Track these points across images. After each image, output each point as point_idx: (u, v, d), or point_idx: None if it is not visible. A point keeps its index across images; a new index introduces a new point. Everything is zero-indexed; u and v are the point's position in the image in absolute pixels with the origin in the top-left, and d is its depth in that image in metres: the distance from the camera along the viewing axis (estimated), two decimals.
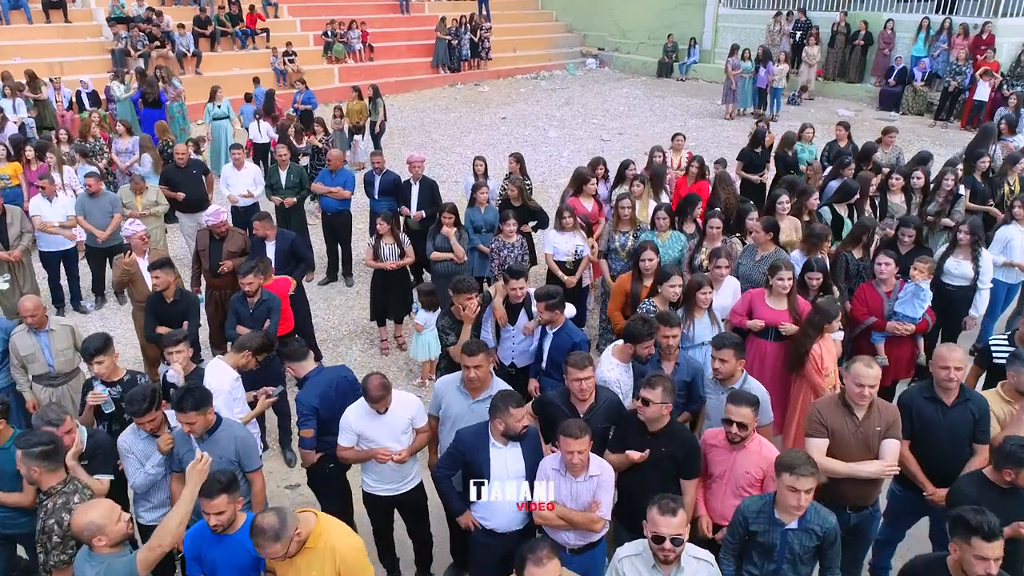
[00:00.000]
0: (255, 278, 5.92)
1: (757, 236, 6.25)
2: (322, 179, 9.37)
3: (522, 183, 8.45)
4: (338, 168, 9.32)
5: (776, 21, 19.53)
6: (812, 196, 7.15)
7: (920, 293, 5.68)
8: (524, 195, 8.38)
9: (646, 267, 5.85)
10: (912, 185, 7.77)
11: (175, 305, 6.08)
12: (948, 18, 16.84)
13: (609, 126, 17.28)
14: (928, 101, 17.18)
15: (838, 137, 10.12)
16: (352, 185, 9.41)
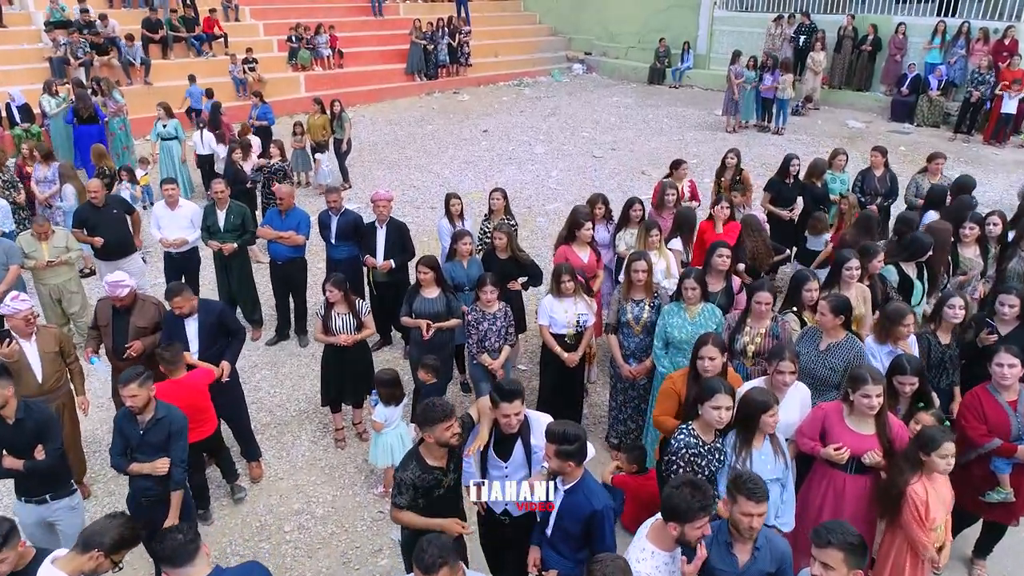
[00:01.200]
0: (140, 389, 4.30)
1: (824, 320, 4.75)
2: (270, 221, 7.78)
3: (511, 229, 6.92)
4: (290, 208, 7.74)
5: (777, 24, 18.15)
6: (877, 257, 5.68)
7: None
8: (513, 244, 6.85)
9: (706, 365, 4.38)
10: (988, 233, 6.34)
11: (18, 428, 4.41)
12: (966, 22, 15.52)
13: (600, 140, 15.80)
14: (944, 112, 15.86)
15: (873, 164, 8.68)
16: (307, 227, 7.85)
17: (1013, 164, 13.38)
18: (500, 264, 6.79)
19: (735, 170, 9.06)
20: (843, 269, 5.38)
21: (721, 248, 6.40)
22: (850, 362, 4.66)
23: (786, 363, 4.28)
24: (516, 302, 6.85)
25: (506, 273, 6.88)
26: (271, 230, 7.65)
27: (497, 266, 6.78)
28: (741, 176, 8.99)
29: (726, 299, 5.93)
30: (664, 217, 7.47)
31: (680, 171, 8.64)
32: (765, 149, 14.68)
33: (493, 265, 6.80)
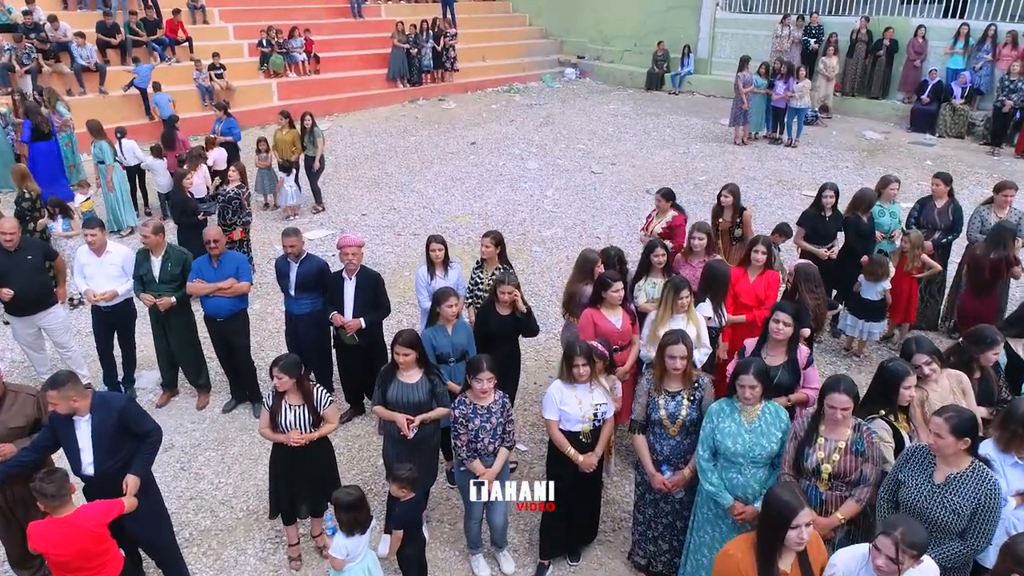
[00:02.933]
0: None
1: (942, 445, 3.44)
2: (200, 272, 6.36)
3: (517, 281, 5.60)
4: (221, 252, 6.37)
5: (784, 26, 16.95)
6: (994, 349, 4.39)
7: None
8: (520, 300, 5.59)
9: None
10: None
11: None
12: (992, 24, 14.36)
13: (598, 153, 14.52)
14: (969, 122, 14.70)
15: (935, 194, 7.44)
16: (248, 272, 6.51)
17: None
18: (500, 322, 5.51)
19: (734, 211, 7.33)
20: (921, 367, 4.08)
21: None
22: (980, 503, 3.40)
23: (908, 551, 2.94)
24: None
25: (506, 335, 5.60)
26: (203, 283, 6.28)
27: (496, 324, 5.50)
28: (742, 218, 7.28)
29: (790, 376, 4.69)
30: (693, 265, 6.20)
31: (660, 203, 7.38)
32: (779, 164, 13.47)
33: (491, 322, 5.52)
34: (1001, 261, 6.36)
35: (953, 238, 7.43)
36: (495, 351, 5.47)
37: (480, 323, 5.65)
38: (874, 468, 3.77)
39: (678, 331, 4.43)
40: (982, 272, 6.40)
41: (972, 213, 7.29)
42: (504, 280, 5.49)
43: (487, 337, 5.52)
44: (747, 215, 7.25)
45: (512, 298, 5.44)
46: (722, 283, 5.65)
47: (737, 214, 7.28)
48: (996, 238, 6.45)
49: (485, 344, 5.47)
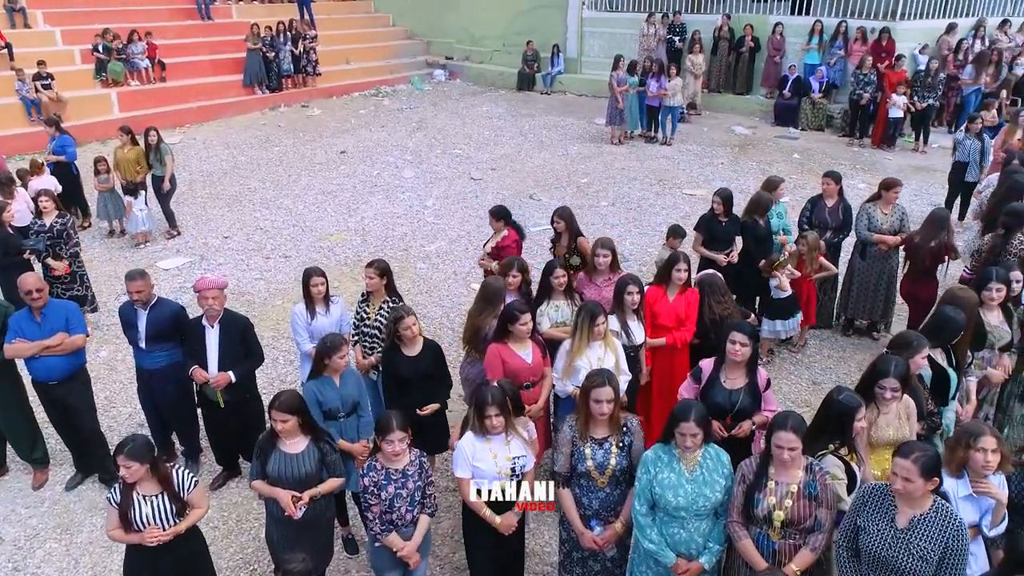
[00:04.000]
0: None
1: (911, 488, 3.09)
2: (20, 329, 5.22)
3: (413, 312, 4.93)
4: (44, 304, 5.30)
5: (649, 24, 17.08)
6: (921, 352, 4.18)
7: None
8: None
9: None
10: (1011, 291, 5.06)
11: None
12: (843, 21, 15.00)
13: (477, 158, 14.00)
14: (827, 115, 15.30)
15: (825, 193, 7.39)
16: (81, 322, 5.47)
17: (909, 169, 12.82)
18: (412, 365, 4.84)
19: (569, 236, 6.61)
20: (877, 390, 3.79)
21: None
22: (949, 546, 3.11)
23: None
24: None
25: (425, 376, 4.91)
26: (24, 343, 5.21)
27: (408, 368, 4.83)
28: (577, 245, 6.57)
29: (752, 400, 4.36)
30: (599, 284, 5.76)
31: (494, 223, 6.93)
32: (657, 163, 13.44)
33: (401, 367, 4.83)
34: (941, 248, 6.53)
35: (843, 237, 7.43)
36: (412, 398, 4.84)
37: (389, 371, 4.94)
38: (829, 512, 3.43)
39: (603, 372, 3.94)
40: (923, 259, 6.53)
41: (859, 211, 7.30)
42: (403, 314, 4.82)
43: (400, 385, 4.85)
44: (582, 242, 6.54)
45: (413, 333, 4.79)
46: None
47: (572, 240, 6.62)
48: (935, 225, 6.56)
49: (399, 394, 4.82)
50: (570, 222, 6.67)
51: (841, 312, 7.67)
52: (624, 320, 5.25)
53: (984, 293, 4.86)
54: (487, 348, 4.92)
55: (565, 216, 6.68)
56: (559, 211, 6.72)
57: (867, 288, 7.34)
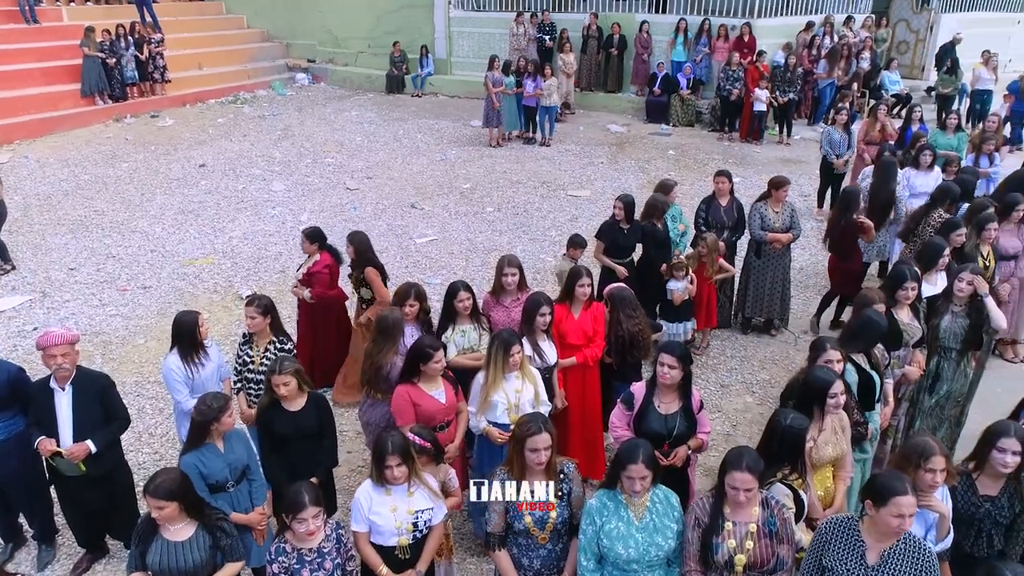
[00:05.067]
0: None
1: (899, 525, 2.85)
2: None
3: (285, 368, 4.31)
4: None
5: (519, 24, 16.90)
6: (825, 356, 4.01)
7: None
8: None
9: None
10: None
11: None
12: (707, 19, 15.39)
13: (351, 167, 13.27)
14: (697, 110, 15.67)
15: (719, 192, 7.32)
16: None
17: (777, 161, 13.29)
18: (291, 422, 4.23)
19: (358, 265, 6.05)
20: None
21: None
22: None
23: None
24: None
25: (303, 440, 4.31)
26: None
27: (286, 424, 4.22)
28: (364, 275, 6.03)
29: (688, 423, 4.12)
30: (507, 305, 5.36)
31: (307, 246, 6.39)
32: (538, 164, 13.24)
33: (278, 423, 4.22)
34: (851, 225, 6.94)
35: (740, 236, 7.42)
36: (294, 459, 4.24)
37: (266, 429, 4.30)
38: (790, 548, 3.19)
39: (537, 417, 3.53)
40: (837, 236, 7.06)
41: (750, 210, 7.31)
42: (280, 369, 4.19)
43: (279, 445, 4.23)
44: (370, 274, 6.05)
45: (291, 389, 4.18)
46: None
47: (360, 269, 6.07)
48: (844, 204, 7.08)
49: (278, 455, 4.21)
50: (361, 249, 6.12)
51: (739, 311, 7.67)
52: (535, 342, 4.89)
53: (899, 292, 4.86)
54: (394, 390, 4.40)
55: (355, 241, 6.16)
56: (350, 236, 6.19)
57: (763, 286, 7.37)
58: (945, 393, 5.01)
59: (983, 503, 3.43)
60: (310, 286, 6.25)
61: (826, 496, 3.77)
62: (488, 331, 5.26)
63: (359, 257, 6.05)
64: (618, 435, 4.25)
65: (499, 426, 4.47)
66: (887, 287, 4.91)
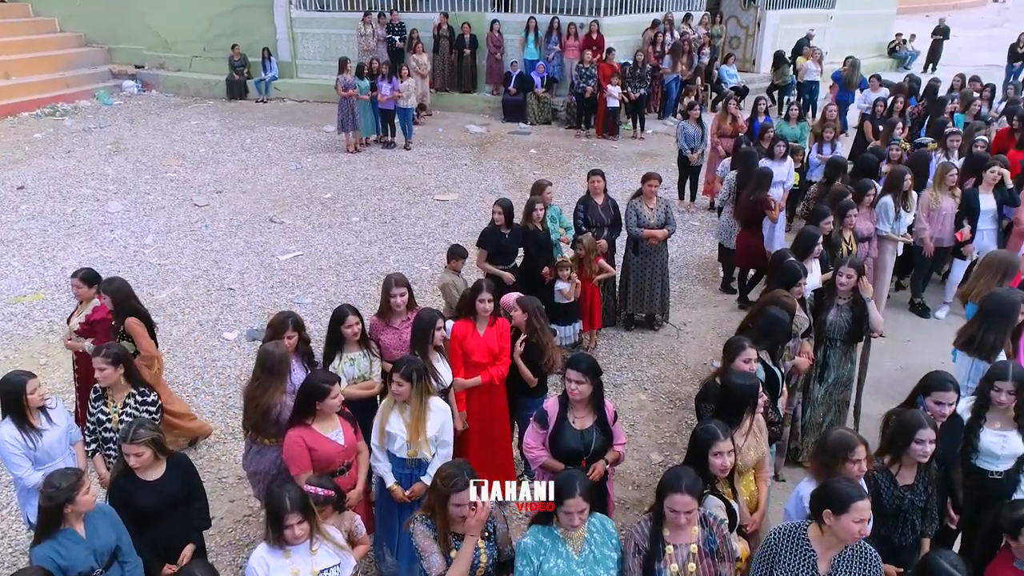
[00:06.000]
0: None
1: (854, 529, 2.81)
2: None
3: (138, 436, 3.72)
4: None
5: (366, 24, 16.35)
6: (742, 355, 3.98)
7: None
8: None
9: None
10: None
11: None
12: (556, 18, 15.54)
13: (196, 181, 12.26)
14: (552, 108, 15.81)
15: (593, 190, 7.27)
16: None
17: (635, 156, 13.63)
18: (151, 492, 3.67)
19: (117, 315, 5.22)
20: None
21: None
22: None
23: None
24: None
25: (168, 509, 3.77)
26: None
27: (148, 496, 3.67)
28: (125, 328, 5.22)
29: (604, 437, 3.97)
30: (396, 327, 5.01)
31: (82, 290, 5.48)
32: (401, 169, 12.83)
33: (135, 494, 3.66)
34: (758, 201, 7.53)
35: (617, 234, 7.43)
36: (159, 532, 3.71)
37: (122, 502, 3.69)
38: (731, 565, 3.11)
39: (462, 468, 3.23)
40: (746, 211, 7.62)
41: (626, 208, 7.34)
42: (131, 437, 3.59)
43: (140, 519, 3.67)
44: (132, 323, 5.21)
45: (145, 459, 3.63)
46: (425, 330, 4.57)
47: (119, 320, 5.24)
48: (756, 181, 7.58)
49: (138, 530, 3.65)
50: (119, 298, 5.23)
51: (621, 308, 7.70)
52: (429, 363, 4.59)
53: (794, 288, 4.99)
54: (286, 434, 3.95)
55: (111, 290, 5.24)
56: (104, 285, 5.31)
57: (643, 282, 7.44)
58: (833, 380, 5.20)
59: (905, 494, 3.51)
60: (92, 336, 5.32)
61: (751, 500, 3.74)
62: (379, 357, 4.92)
63: (118, 307, 5.21)
64: (534, 456, 4.07)
65: (396, 460, 4.15)
66: (783, 283, 5.01)
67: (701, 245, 9.79)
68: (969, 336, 4.59)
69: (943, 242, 7.44)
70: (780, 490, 5.02)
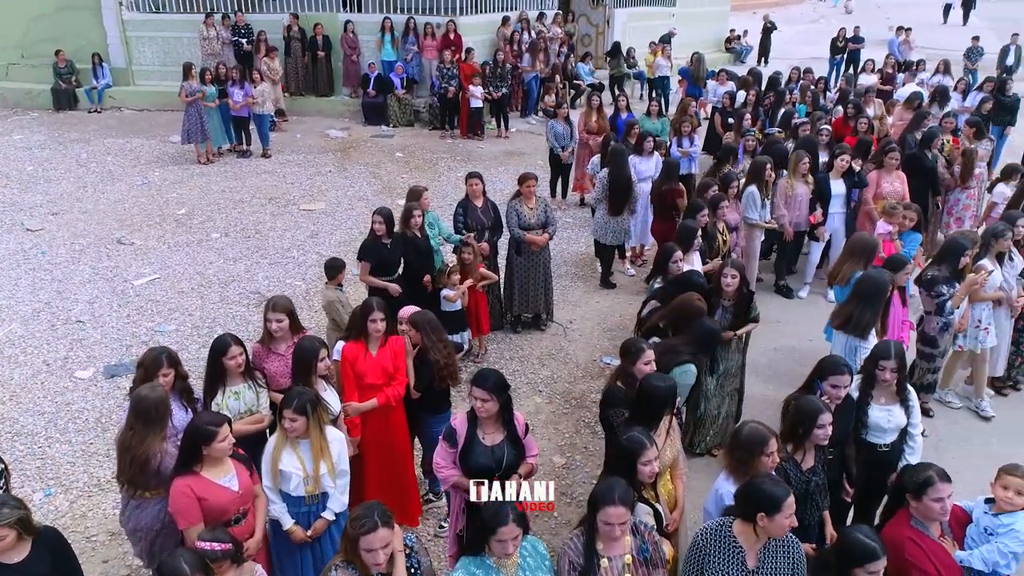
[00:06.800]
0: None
1: (776, 526, 2.86)
2: None
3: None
4: None
5: (209, 27, 15.38)
6: (643, 358, 4.00)
7: None
8: None
9: None
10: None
11: None
12: (411, 18, 15.27)
13: (26, 202, 11.05)
14: (414, 109, 15.55)
15: (472, 194, 7.11)
16: None
17: (502, 155, 13.65)
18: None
19: None
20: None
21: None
22: (796, 565, 3.01)
23: None
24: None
25: None
26: None
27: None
28: None
29: (517, 451, 3.86)
30: (281, 353, 4.67)
31: None
32: (260, 179, 12.17)
33: None
34: (670, 191, 7.85)
35: (499, 236, 7.35)
36: None
37: None
38: (665, 572, 3.08)
39: (372, 508, 2.99)
40: (659, 199, 7.95)
41: (507, 209, 7.28)
42: None
43: None
44: None
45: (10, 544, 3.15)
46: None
47: None
48: (666, 172, 8.04)
49: None
50: None
51: (507, 310, 7.64)
52: (315, 391, 4.29)
53: (723, 280, 5.14)
54: (171, 484, 3.56)
55: None
56: None
57: (527, 282, 7.42)
58: (723, 371, 5.36)
59: (811, 477, 3.65)
60: None
61: (670, 499, 3.76)
62: (266, 387, 4.57)
63: None
64: (444, 475, 3.92)
65: (292, 500, 3.88)
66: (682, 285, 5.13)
67: (577, 242, 9.92)
68: (846, 316, 4.87)
69: (800, 227, 7.92)
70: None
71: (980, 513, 3.62)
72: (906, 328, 5.46)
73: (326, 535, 3.98)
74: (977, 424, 6.06)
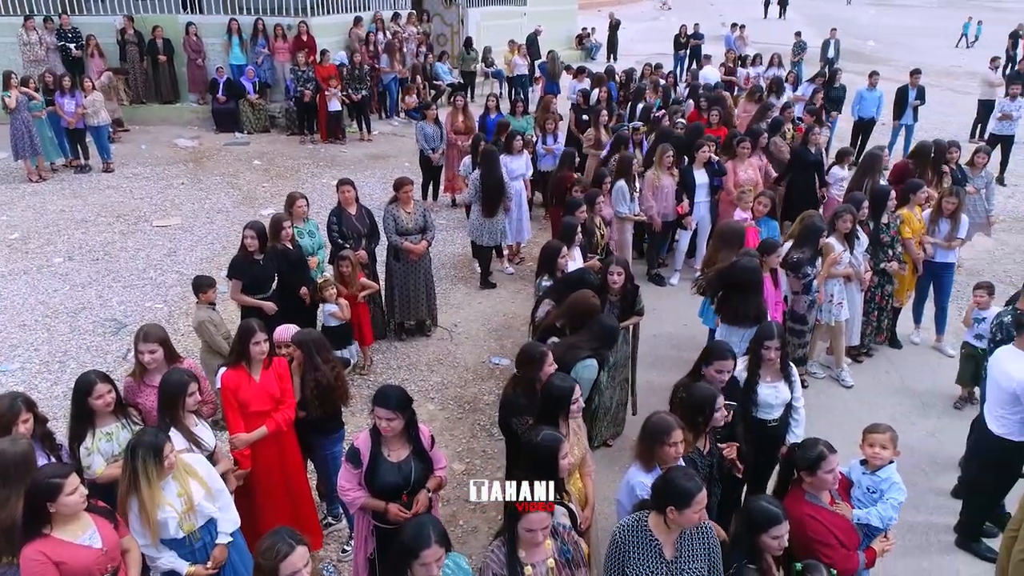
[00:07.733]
0: None
1: (691, 518, 2.92)
2: None
3: None
4: None
5: (30, 31, 14.03)
6: (546, 363, 3.99)
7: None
8: None
9: None
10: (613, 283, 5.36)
11: None
12: (260, 19, 14.61)
13: None
14: (269, 115, 14.90)
15: (345, 201, 6.86)
16: None
17: (367, 159, 13.35)
18: None
19: None
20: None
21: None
22: (711, 552, 3.10)
23: None
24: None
25: None
26: None
27: None
28: None
29: (424, 466, 3.76)
30: (151, 384, 4.30)
31: None
32: (105, 195, 11.24)
33: None
34: (563, 179, 8.14)
35: (376, 243, 7.15)
36: None
37: None
38: (587, 570, 3.10)
39: (278, 534, 2.80)
40: (554, 186, 8.31)
41: (384, 214, 7.11)
42: None
43: None
44: None
45: None
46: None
47: None
48: (562, 161, 8.45)
49: None
50: None
51: (390, 318, 7.48)
52: (186, 429, 3.99)
53: (609, 277, 5.20)
54: (20, 553, 3.17)
55: None
56: None
57: (408, 289, 7.29)
58: (613, 363, 5.48)
59: (712, 460, 3.79)
60: None
61: (580, 497, 3.79)
62: (142, 424, 4.20)
63: None
64: (351, 498, 3.75)
65: (175, 543, 3.59)
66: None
67: (453, 243, 9.85)
68: (732, 312, 5.11)
69: (668, 217, 8.26)
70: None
71: (859, 475, 3.91)
72: (779, 309, 5.81)
73: (228, 565, 3.72)
74: (840, 392, 6.56)
